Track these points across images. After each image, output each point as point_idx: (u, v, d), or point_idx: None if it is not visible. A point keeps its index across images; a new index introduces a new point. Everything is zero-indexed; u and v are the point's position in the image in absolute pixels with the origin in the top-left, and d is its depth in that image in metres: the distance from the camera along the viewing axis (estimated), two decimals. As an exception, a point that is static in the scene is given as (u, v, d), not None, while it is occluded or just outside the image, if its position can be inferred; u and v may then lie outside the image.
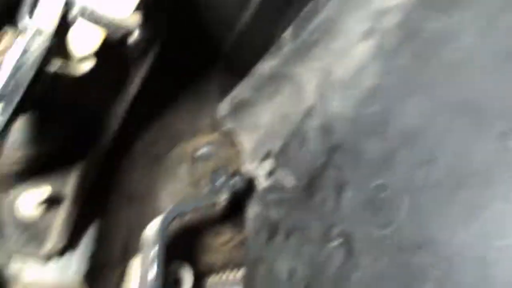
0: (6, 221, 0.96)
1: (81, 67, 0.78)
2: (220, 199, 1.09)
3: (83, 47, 0.76)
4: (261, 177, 1.16)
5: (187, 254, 1.15)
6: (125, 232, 1.15)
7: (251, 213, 1.15)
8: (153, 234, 0.99)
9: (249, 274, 1.11)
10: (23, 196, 0.96)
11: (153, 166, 1.17)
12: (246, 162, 1.20)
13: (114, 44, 0.75)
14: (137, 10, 0.72)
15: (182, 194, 1.18)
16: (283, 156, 1.10)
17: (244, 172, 1.18)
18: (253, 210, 1.15)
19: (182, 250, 1.10)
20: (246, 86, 1.20)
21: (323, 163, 0.96)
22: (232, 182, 1.11)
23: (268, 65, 1.14)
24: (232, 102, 1.24)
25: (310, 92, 1.05)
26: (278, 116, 1.15)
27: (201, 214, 1.12)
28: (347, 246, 0.87)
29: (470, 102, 0.79)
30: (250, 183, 1.14)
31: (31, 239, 0.97)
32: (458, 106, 0.80)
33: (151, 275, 0.95)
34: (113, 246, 1.14)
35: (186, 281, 1.07)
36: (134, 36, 0.73)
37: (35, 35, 0.64)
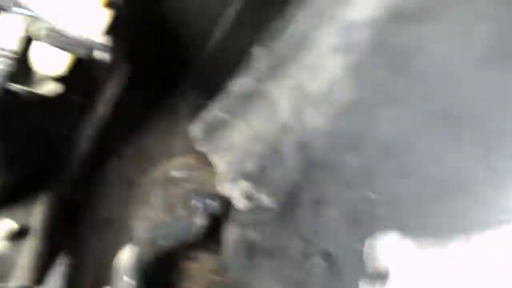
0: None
1: (47, 89, 0.75)
2: (196, 223, 1.05)
3: (49, 67, 0.72)
4: (237, 198, 1.13)
5: (163, 281, 1.11)
6: (96, 263, 1.10)
7: (229, 235, 1.11)
8: (125, 263, 0.95)
9: (228, 299, 1.07)
10: (-15, 229, 0.91)
11: (126, 191, 1.13)
12: (221, 184, 1.18)
13: (81, 64, 0.72)
14: (105, 29, 0.70)
15: (157, 219, 1.14)
16: (259, 176, 1.08)
17: (219, 193, 1.15)
18: (230, 232, 1.12)
19: (158, 277, 1.06)
20: (218, 106, 1.18)
21: (301, 180, 0.94)
22: (207, 204, 1.08)
23: (240, 83, 1.13)
24: (204, 123, 1.21)
25: (284, 109, 1.04)
26: (252, 135, 1.13)
27: (176, 239, 1.09)
28: (328, 262, 0.85)
29: (445, 111, 0.79)
30: (226, 205, 1.11)
31: (-5, 276, 0.92)
32: (433, 116, 0.80)
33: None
34: (84, 279, 1.09)
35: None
36: (103, 56, 0.70)
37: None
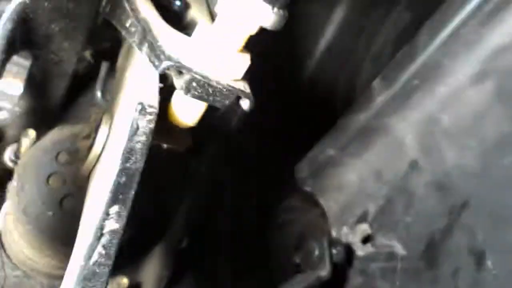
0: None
1: (179, 142, 0.69)
2: (323, 272, 0.96)
3: (184, 120, 0.66)
4: (355, 244, 1.04)
5: None
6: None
7: (354, 285, 1.02)
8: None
9: None
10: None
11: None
12: (333, 227, 1.09)
13: (217, 114, 0.65)
14: (245, 75, 0.63)
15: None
16: (384, 219, 0.98)
17: (335, 239, 1.06)
18: (354, 281, 1.02)
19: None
20: (328, 144, 1.10)
21: (446, 226, 0.84)
22: (333, 252, 0.99)
23: (354, 119, 1.04)
24: (311, 163, 1.13)
25: (410, 145, 0.94)
26: (369, 174, 1.03)
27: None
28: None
29: None
30: (348, 252, 1.02)
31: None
32: None
33: None
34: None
35: None
36: (245, 104, 0.63)
37: (142, 112, 0.54)
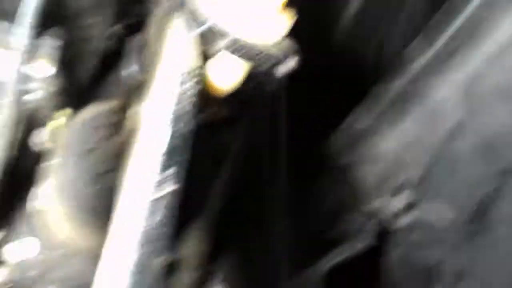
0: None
1: (216, 111, 0.66)
2: (362, 244, 0.93)
3: (221, 86, 0.63)
4: (394, 214, 1.00)
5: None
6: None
7: (394, 257, 0.98)
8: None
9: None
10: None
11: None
12: (371, 198, 1.05)
13: (258, 78, 0.62)
14: (287, 34, 0.59)
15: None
16: (427, 186, 0.95)
17: (372, 210, 1.03)
18: (394, 253, 0.99)
19: None
20: (363, 114, 1.06)
21: (494, 191, 0.80)
22: (370, 225, 0.96)
23: (389, 87, 1.00)
24: (346, 134, 1.10)
25: (453, 108, 0.90)
26: (408, 142, 0.99)
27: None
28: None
29: None
30: (387, 223, 0.99)
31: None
32: None
33: None
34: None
35: None
36: (286, 66, 0.59)
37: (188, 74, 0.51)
